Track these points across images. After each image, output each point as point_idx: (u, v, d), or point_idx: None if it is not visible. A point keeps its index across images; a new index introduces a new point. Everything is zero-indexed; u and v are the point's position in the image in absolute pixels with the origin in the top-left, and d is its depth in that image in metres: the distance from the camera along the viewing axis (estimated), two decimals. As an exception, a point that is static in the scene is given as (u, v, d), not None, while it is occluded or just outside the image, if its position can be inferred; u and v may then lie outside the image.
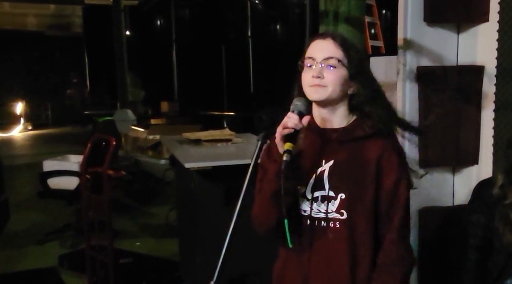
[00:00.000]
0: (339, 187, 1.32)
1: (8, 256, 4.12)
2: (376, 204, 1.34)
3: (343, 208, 1.32)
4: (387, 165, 1.33)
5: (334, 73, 1.31)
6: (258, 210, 1.37)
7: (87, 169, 3.21)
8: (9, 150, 10.46)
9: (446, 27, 2.46)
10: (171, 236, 4.28)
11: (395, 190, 1.34)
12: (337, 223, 1.33)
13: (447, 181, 2.52)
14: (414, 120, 2.37)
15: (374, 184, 1.32)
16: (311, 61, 1.33)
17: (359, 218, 1.32)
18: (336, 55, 1.31)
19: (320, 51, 1.33)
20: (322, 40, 1.34)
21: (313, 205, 1.35)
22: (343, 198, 1.32)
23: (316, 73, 1.31)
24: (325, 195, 1.33)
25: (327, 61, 1.31)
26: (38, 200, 4.73)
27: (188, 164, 2.65)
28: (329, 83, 1.31)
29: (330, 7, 2.31)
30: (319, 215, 1.34)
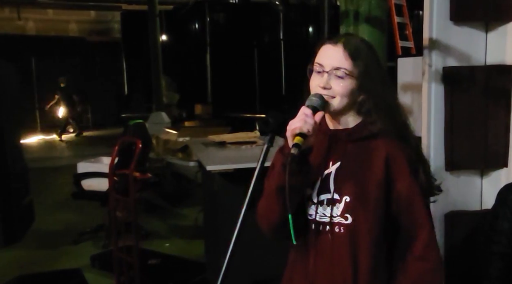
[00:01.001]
0: (344, 189, 1.29)
1: (45, 256, 4.27)
2: (387, 210, 1.28)
3: (347, 212, 1.28)
4: (396, 167, 1.28)
5: (342, 84, 1.28)
6: (263, 207, 1.36)
7: (115, 171, 3.29)
8: (51, 152, 10.85)
9: (473, 26, 2.39)
10: (199, 238, 4.33)
11: (410, 197, 1.28)
12: (341, 228, 1.29)
13: (475, 185, 2.44)
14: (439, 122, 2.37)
15: (382, 187, 1.27)
16: (320, 68, 1.30)
17: (364, 223, 1.27)
18: (345, 65, 1.27)
19: (330, 58, 1.29)
20: (333, 46, 1.30)
21: (318, 209, 1.32)
22: (347, 201, 1.28)
23: (323, 84, 1.28)
24: (330, 198, 1.30)
25: (335, 71, 1.28)
26: (75, 201, 4.87)
27: (210, 166, 2.67)
28: (336, 94, 1.28)
29: (350, 7, 2.29)
30: (324, 219, 1.31)
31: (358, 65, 1.28)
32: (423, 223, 1.29)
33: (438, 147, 2.37)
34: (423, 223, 1.29)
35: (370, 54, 1.32)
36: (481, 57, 2.42)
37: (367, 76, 1.29)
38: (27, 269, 3.91)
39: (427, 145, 2.38)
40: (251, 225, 1.27)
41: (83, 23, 15.12)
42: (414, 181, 1.28)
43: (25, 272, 3.82)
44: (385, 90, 1.33)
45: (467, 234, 2.37)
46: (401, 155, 1.29)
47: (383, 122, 1.30)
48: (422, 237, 1.28)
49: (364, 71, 1.28)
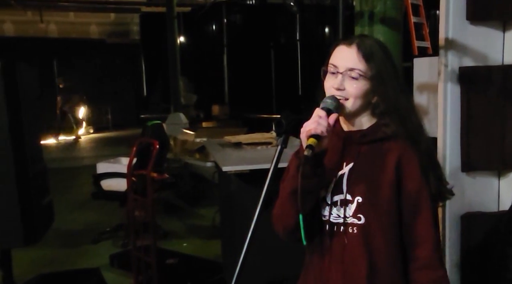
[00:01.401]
0: (356, 190, 1.30)
1: (65, 255, 4.35)
2: (400, 211, 1.29)
3: (360, 212, 1.29)
4: (407, 169, 1.28)
5: (356, 85, 1.28)
6: (278, 210, 1.37)
7: (133, 172, 3.34)
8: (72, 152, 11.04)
9: (490, 25, 2.36)
10: (216, 238, 4.36)
11: (418, 200, 1.27)
12: (354, 228, 1.30)
13: (492, 186, 2.41)
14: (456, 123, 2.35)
15: (393, 188, 1.27)
16: (334, 69, 1.31)
17: (377, 223, 1.28)
18: (359, 67, 1.28)
19: (344, 59, 1.30)
20: (347, 47, 1.31)
21: (332, 210, 1.33)
22: (359, 202, 1.29)
23: (337, 85, 1.29)
24: (343, 199, 1.31)
25: (349, 72, 1.28)
26: (93, 201, 4.96)
27: (226, 167, 2.70)
28: (350, 95, 1.29)
29: (365, 7, 2.28)
30: (337, 220, 1.32)
31: (372, 66, 1.28)
32: (428, 229, 1.28)
33: (454, 148, 2.35)
34: (428, 229, 1.28)
35: (385, 55, 1.32)
36: (498, 57, 2.38)
37: (380, 77, 1.29)
38: (47, 267, 4.00)
39: (443, 146, 2.36)
40: (265, 226, 1.29)
41: (103, 25, 15.35)
42: (424, 184, 1.28)
43: (45, 270, 3.91)
44: (399, 92, 1.32)
45: (484, 236, 2.34)
46: (413, 158, 1.29)
47: (396, 124, 1.30)
48: (426, 244, 1.28)
49: (378, 72, 1.28)
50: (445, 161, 2.34)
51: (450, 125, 2.36)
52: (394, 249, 1.29)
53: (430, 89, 2.96)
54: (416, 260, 1.29)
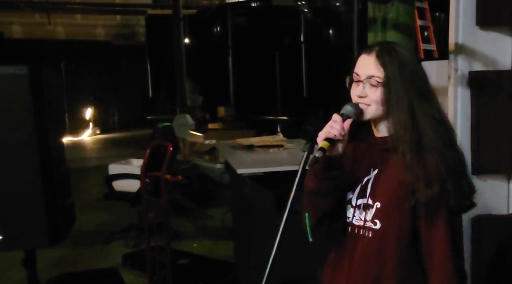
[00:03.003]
0: (377, 196, 1.33)
1: (77, 255, 4.41)
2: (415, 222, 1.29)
3: (377, 218, 1.32)
4: (427, 177, 1.26)
5: (376, 92, 1.31)
6: (302, 209, 1.41)
7: (146, 174, 3.40)
8: (79, 153, 11.11)
9: (500, 30, 2.39)
10: (226, 238, 4.42)
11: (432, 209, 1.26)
12: (369, 233, 1.33)
13: (502, 189, 2.45)
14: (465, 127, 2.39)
15: (411, 196, 1.28)
16: (357, 77, 1.35)
17: (392, 230, 1.30)
18: (378, 74, 1.31)
19: (364, 67, 1.34)
20: (367, 55, 1.34)
21: (355, 212, 1.37)
22: (378, 207, 1.33)
23: (359, 93, 1.33)
24: (366, 203, 1.35)
25: (369, 80, 1.32)
26: (105, 201, 5.02)
27: (241, 170, 2.75)
28: (371, 102, 1.32)
29: (378, 13, 2.32)
30: (358, 223, 1.37)
31: (390, 73, 1.30)
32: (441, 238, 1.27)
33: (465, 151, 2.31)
34: (441, 238, 1.27)
35: (405, 61, 1.32)
36: (507, 61, 2.42)
37: (395, 84, 1.29)
38: (62, 267, 4.04)
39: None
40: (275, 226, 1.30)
41: (109, 27, 15.44)
42: (442, 194, 1.26)
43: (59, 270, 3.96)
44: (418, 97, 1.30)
45: (494, 238, 2.38)
46: (437, 167, 1.27)
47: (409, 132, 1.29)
48: (439, 254, 1.28)
49: (393, 78, 1.29)
50: (456, 164, 2.37)
51: (460, 129, 2.39)
52: (405, 257, 1.30)
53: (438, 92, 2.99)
54: (429, 270, 1.30)
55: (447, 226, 1.28)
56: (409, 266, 1.30)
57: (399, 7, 2.26)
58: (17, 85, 1.77)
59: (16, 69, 1.77)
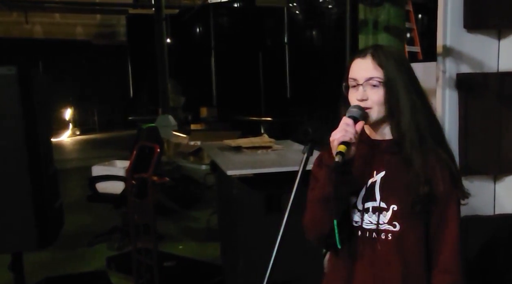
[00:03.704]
0: (391, 198, 1.33)
1: (59, 258, 4.32)
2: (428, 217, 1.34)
3: (395, 220, 1.33)
4: (440, 177, 1.32)
5: (378, 93, 1.32)
6: (310, 217, 1.39)
7: (132, 175, 3.35)
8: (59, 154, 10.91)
9: (486, 33, 2.44)
10: (212, 240, 4.39)
11: (447, 206, 1.34)
12: (389, 235, 1.34)
13: (488, 190, 2.49)
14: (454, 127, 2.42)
15: (430, 196, 1.32)
16: (354, 82, 1.34)
17: (411, 230, 1.33)
18: (377, 74, 1.32)
19: (361, 71, 1.33)
20: (362, 59, 1.35)
21: (364, 216, 1.35)
22: (395, 210, 1.33)
23: (360, 96, 1.32)
24: (377, 206, 1.34)
25: (369, 82, 1.32)
26: (87, 203, 4.94)
27: (230, 171, 2.73)
28: (373, 104, 1.32)
29: (369, 15, 2.34)
30: (369, 226, 1.35)
31: (389, 72, 1.31)
32: (453, 234, 1.35)
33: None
34: (453, 234, 1.35)
35: (399, 61, 1.35)
36: (494, 64, 2.47)
37: (395, 83, 1.31)
38: (44, 271, 3.96)
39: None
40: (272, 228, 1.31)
41: (89, 26, 15.22)
42: (453, 190, 1.34)
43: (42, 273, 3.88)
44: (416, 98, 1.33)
45: (482, 239, 2.41)
46: (444, 165, 1.34)
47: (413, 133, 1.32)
48: (450, 249, 1.34)
49: (392, 78, 1.31)
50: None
51: (448, 130, 2.42)
52: (425, 254, 1.35)
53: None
54: (441, 263, 1.34)
55: (458, 220, 1.36)
56: (427, 261, 1.35)
57: (390, 9, 2.28)
58: (6, 85, 1.73)
59: (5, 69, 1.72)
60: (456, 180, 1.36)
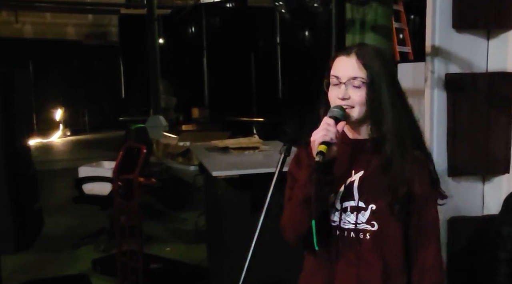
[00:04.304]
0: (370, 198, 1.33)
1: (44, 260, 4.26)
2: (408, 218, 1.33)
3: (374, 220, 1.32)
4: (418, 179, 1.32)
5: (360, 93, 1.30)
6: (288, 217, 1.38)
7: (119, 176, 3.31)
8: (48, 155, 10.82)
9: (475, 33, 2.42)
10: (200, 242, 4.34)
11: (426, 206, 1.33)
12: (367, 234, 1.33)
13: (477, 190, 2.47)
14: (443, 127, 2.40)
15: (408, 196, 1.31)
16: (336, 80, 1.33)
17: (390, 229, 1.32)
18: (361, 75, 1.30)
19: (345, 69, 1.32)
20: (346, 57, 1.33)
21: (342, 216, 1.35)
22: (373, 209, 1.32)
23: (342, 95, 1.31)
24: (355, 205, 1.34)
25: (351, 82, 1.31)
26: (74, 205, 4.88)
27: (216, 172, 2.69)
28: (355, 103, 1.31)
29: (356, 15, 2.31)
30: (348, 226, 1.34)
31: (373, 73, 1.30)
32: (433, 232, 1.35)
33: (441, 153, 2.40)
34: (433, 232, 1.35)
35: (384, 62, 1.35)
36: (482, 64, 2.45)
37: (378, 84, 1.30)
38: (29, 273, 3.91)
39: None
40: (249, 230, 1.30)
41: (80, 26, 15.12)
42: (432, 190, 1.35)
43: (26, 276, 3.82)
44: (397, 98, 1.33)
45: (469, 240, 2.40)
46: (423, 165, 1.34)
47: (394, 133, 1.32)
48: (431, 247, 1.34)
49: (376, 79, 1.30)
50: (431, 166, 2.38)
51: (436, 130, 2.41)
52: (405, 254, 1.34)
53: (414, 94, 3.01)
54: (420, 263, 1.34)
55: (437, 219, 1.36)
56: (406, 259, 1.35)
57: (378, 9, 2.25)
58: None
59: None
60: (435, 181, 1.36)
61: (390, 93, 1.31)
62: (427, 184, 1.33)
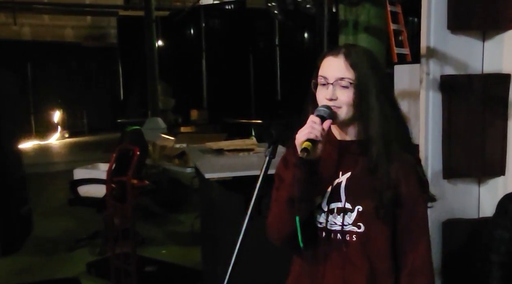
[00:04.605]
0: (356, 199, 1.31)
1: (39, 263, 4.23)
2: (395, 220, 1.31)
3: (360, 221, 1.30)
4: (406, 178, 1.31)
5: (347, 94, 1.29)
6: (273, 218, 1.37)
7: (112, 178, 3.28)
8: (46, 157, 10.79)
9: (470, 35, 2.40)
10: (196, 244, 4.31)
11: (415, 209, 1.32)
12: (353, 236, 1.31)
13: (472, 193, 2.45)
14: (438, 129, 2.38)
15: (395, 199, 1.30)
16: (324, 80, 1.32)
17: (377, 232, 1.30)
18: (348, 75, 1.29)
19: (332, 70, 1.31)
20: (334, 57, 1.32)
21: (328, 217, 1.33)
22: (360, 211, 1.30)
23: (329, 96, 1.30)
24: (342, 207, 1.32)
25: (339, 82, 1.29)
26: (71, 207, 4.85)
27: (208, 174, 2.67)
28: (343, 104, 1.30)
29: (349, 16, 2.30)
30: (334, 227, 1.33)
31: (361, 74, 1.29)
32: (422, 235, 1.33)
33: (436, 154, 2.38)
34: (422, 235, 1.33)
35: (372, 63, 1.33)
36: (478, 65, 2.43)
37: (366, 85, 1.29)
38: (22, 276, 3.88)
39: (424, 152, 2.39)
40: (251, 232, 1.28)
41: (79, 28, 15.09)
42: (420, 192, 1.33)
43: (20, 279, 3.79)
44: (384, 100, 1.32)
45: (465, 242, 2.38)
46: (411, 167, 1.32)
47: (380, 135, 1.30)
48: (420, 250, 1.32)
49: (364, 80, 1.29)
50: (427, 168, 2.36)
51: (432, 132, 2.39)
52: (391, 256, 1.32)
53: (410, 96, 3.00)
54: (409, 266, 1.31)
55: (426, 222, 1.34)
56: (393, 262, 1.33)
57: (370, 9, 2.23)
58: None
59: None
60: (423, 184, 1.34)
61: (378, 95, 1.29)
62: (415, 187, 1.31)
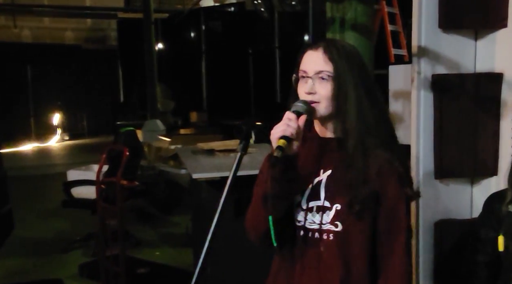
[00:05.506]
0: (335, 197, 1.28)
1: (32, 264, 4.22)
2: (375, 221, 1.28)
3: (338, 220, 1.27)
4: (387, 178, 1.27)
5: (326, 87, 1.27)
6: (250, 213, 1.36)
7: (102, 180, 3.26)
8: (45, 159, 10.80)
9: (462, 34, 2.37)
10: (189, 246, 4.28)
11: (394, 209, 1.28)
12: (330, 235, 1.28)
13: (465, 193, 2.42)
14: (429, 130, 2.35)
15: (373, 196, 1.27)
16: (304, 74, 1.31)
17: (355, 231, 1.26)
18: (327, 68, 1.27)
19: (311, 63, 1.29)
20: (313, 51, 1.31)
21: (307, 216, 1.30)
22: (338, 209, 1.27)
23: (308, 89, 1.28)
24: (320, 205, 1.29)
25: (318, 75, 1.28)
26: (65, 209, 4.83)
27: (196, 175, 2.64)
28: (322, 98, 1.28)
29: (336, 13, 2.27)
30: (313, 226, 1.30)
31: (339, 67, 1.27)
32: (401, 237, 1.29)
33: (428, 155, 2.35)
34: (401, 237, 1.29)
35: (352, 57, 1.31)
36: (470, 64, 2.40)
37: (344, 78, 1.27)
38: (15, 278, 3.87)
39: (416, 152, 2.36)
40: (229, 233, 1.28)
41: (79, 31, 15.13)
42: (402, 193, 1.29)
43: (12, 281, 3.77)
44: (364, 95, 1.29)
45: (457, 243, 2.35)
46: (392, 167, 1.28)
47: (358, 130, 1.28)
48: (398, 253, 1.28)
49: (342, 72, 1.27)
50: (419, 168, 2.33)
51: (423, 132, 2.36)
52: (368, 257, 1.28)
53: (405, 96, 2.96)
54: (387, 271, 1.28)
55: (406, 223, 1.30)
56: (370, 264, 1.29)
57: (357, 7, 2.21)
58: None
59: None
60: (404, 180, 1.30)
61: (357, 89, 1.27)
62: (394, 184, 1.28)
